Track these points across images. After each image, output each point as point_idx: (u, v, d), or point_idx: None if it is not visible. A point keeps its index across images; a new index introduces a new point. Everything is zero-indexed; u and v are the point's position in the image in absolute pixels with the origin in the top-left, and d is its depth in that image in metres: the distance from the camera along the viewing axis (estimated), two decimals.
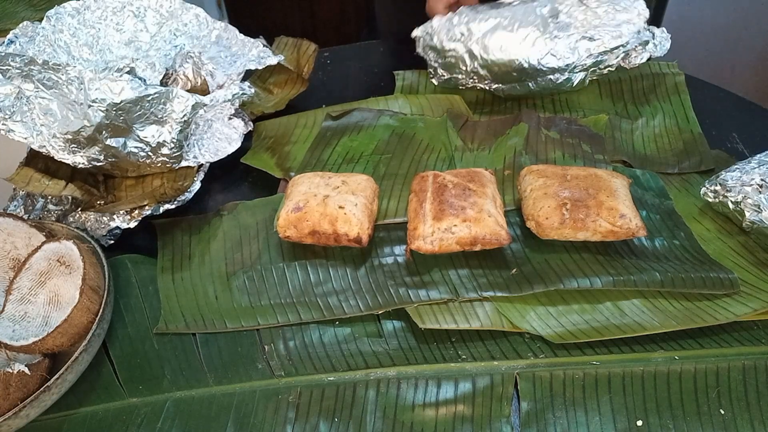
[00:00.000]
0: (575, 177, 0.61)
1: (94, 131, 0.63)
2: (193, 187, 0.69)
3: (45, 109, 0.63)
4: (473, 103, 0.81)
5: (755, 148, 0.70)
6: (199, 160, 0.70)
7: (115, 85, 0.61)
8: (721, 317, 0.54)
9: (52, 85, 0.62)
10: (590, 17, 0.73)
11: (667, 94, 0.79)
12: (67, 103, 0.62)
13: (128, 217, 0.65)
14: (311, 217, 0.60)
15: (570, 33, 0.72)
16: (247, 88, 0.73)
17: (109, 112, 0.62)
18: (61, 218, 0.67)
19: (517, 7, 0.75)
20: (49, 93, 0.62)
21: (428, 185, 0.62)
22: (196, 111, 0.67)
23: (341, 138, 0.76)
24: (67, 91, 0.62)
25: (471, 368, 0.53)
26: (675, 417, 0.49)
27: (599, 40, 0.72)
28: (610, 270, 0.58)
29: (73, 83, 0.61)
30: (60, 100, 0.62)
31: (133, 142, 0.65)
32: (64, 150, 0.65)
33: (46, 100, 0.63)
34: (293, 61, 0.84)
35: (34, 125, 0.64)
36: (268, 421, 0.51)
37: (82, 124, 0.62)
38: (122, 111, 0.62)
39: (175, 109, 0.65)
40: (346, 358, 0.55)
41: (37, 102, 0.63)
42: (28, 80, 0.62)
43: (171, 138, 0.66)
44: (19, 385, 0.49)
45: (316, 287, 0.60)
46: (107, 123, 0.63)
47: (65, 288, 0.55)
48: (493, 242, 0.58)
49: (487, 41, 0.73)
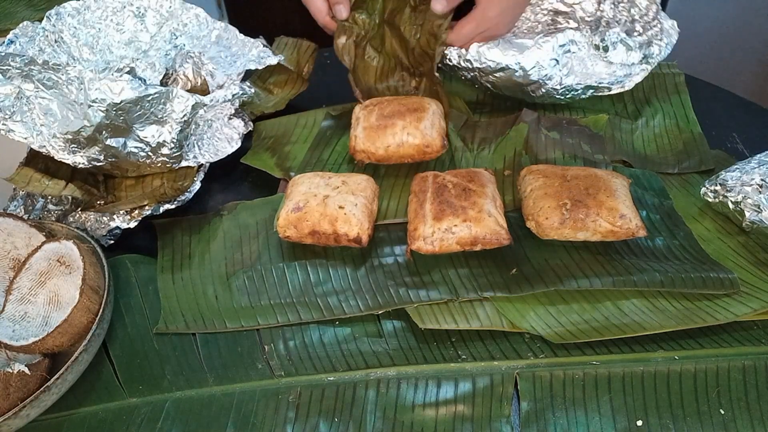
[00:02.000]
0: (575, 177, 0.61)
1: (94, 131, 0.63)
2: (193, 187, 0.69)
3: (45, 109, 0.63)
4: (473, 103, 0.80)
5: (755, 148, 0.70)
6: (199, 160, 0.70)
7: (115, 85, 0.61)
8: (721, 317, 0.54)
9: (52, 85, 0.62)
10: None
11: (667, 94, 0.79)
12: (67, 103, 0.62)
13: (128, 217, 0.65)
14: (311, 217, 0.60)
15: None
16: (247, 88, 0.73)
17: (109, 112, 0.62)
18: (61, 218, 0.67)
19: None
20: (49, 93, 0.62)
21: (428, 185, 0.62)
22: (196, 111, 0.67)
23: (341, 138, 0.76)
24: (67, 91, 0.62)
25: (471, 368, 0.53)
26: (675, 417, 0.49)
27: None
28: (610, 270, 0.58)
29: (73, 83, 0.61)
30: (60, 100, 0.62)
31: (133, 142, 0.65)
32: (64, 150, 0.65)
33: (46, 100, 0.63)
34: (293, 61, 0.84)
35: (34, 125, 0.64)
36: (268, 421, 0.51)
37: (82, 124, 0.62)
38: (122, 111, 0.62)
39: (175, 109, 0.65)
40: (346, 358, 0.55)
41: (37, 102, 0.63)
42: (28, 80, 0.62)
43: (171, 138, 0.66)
44: (19, 385, 0.49)
45: (316, 287, 0.60)
46: (107, 123, 0.63)
47: (65, 288, 0.55)
48: (493, 242, 0.58)
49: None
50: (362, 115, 0.70)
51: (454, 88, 0.83)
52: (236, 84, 0.73)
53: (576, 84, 0.72)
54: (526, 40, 0.71)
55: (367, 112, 0.70)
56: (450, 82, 0.84)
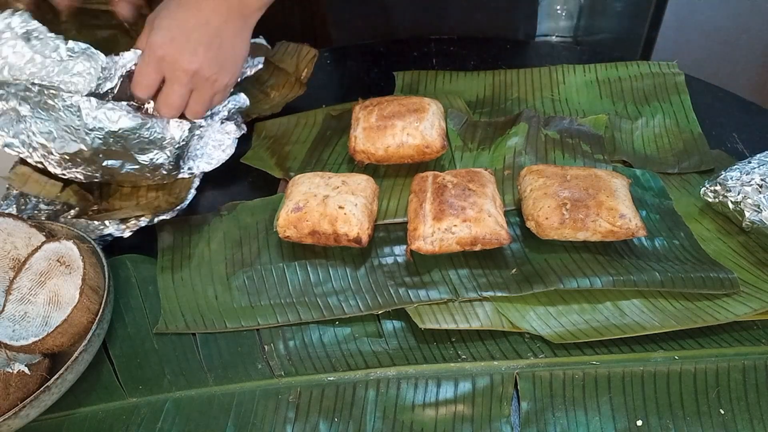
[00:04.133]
0: (575, 177, 0.61)
1: (91, 154, 0.63)
2: (188, 196, 0.69)
3: (42, 129, 0.63)
4: (473, 103, 0.81)
5: (755, 148, 0.70)
6: (194, 171, 0.70)
7: (112, 113, 0.61)
8: (721, 317, 0.54)
9: (48, 108, 0.62)
10: None
11: (667, 94, 0.79)
12: (65, 126, 0.62)
13: (123, 226, 0.65)
14: (311, 217, 0.60)
15: None
16: (242, 99, 0.73)
17: (107, 139, 0.62)
18: (52, 218, 0.67)
19: None
20: (45, 115, 0.62)
21: (428, 185, 0.62)
22: (193, 133, 0.68)
23: (341, 138, 0.76)
24: (64, 116, 0.61)
25: (471, 368, 0.53)
26: (675, 417, 0.49)
27: None
28: (610, 270, 0.58)
29: (70, 109, 0.61)
30: (57, 123, 0.62)
31: (130, 164, 0.66)
32: (61, 166, 0.65)
33: (44, 120, 0.62)
34: (292, 65, 0.84)
35: (30, 142, 0.63)
36: (268, 421, 0.51)
37: (80, 147, 0.62)
38: (120, 138, 0.62)
39: (174, 135, 0.65)
40: (346, 358, 0.55)
41: (33, 121, 0.62)
42: (25, 102, 0.62)
43: (169, 161, 0.67)
44: (19, 385, 0.49)
45: (316, 287, 0.60)
46: (104, 148, 0.63)
47: (65, 288, 0.55)
48: (493, 242, 0.58)
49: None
50: (362, 115, 0.70)
51: (455, 88, 0.83)
52: (230, 98, 0.73)
53: None
54: None
55: (367, 112, 0.70)
56: (450, 82, 0.84)
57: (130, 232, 0.65)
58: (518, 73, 0.84)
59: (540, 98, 0.80)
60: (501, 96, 0.81)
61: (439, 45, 0.93)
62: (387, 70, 0.87)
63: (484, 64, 0.87)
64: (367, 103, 0.71)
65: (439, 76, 0.85)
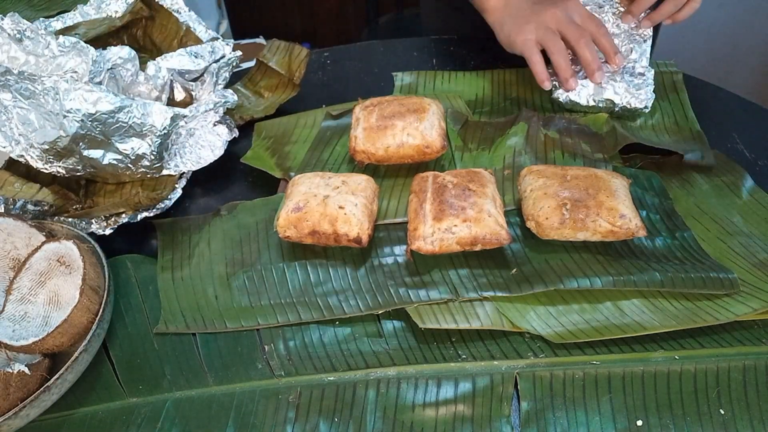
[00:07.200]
0: (575, 177, 0.61)
1: (70, 142, 0.63)
2: (173, 195, 0.69)
3: (23, 119, 0.63)
4: (473, 103, 0.81)
5: (755, 148, 0.70)
6: (180, 169, 0.70)
7: (90, 95, 0.61)
8: (721, 317, 0.54)
9: (29, 95, 0.62)
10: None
11: (665, 92, 0.79)
12: (44, 113, 0.62)
13: (104, 224, 0.65)
14: (311, 217, 0.60)
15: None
16: (229, 95, 0.73)
17: (85, 122, 0.62)
18: (39, 217, 0.66)
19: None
20: (26, 103, 0.62)
21: (428, 185, 0.62)
22: (176, 123, 0.67)
23: (341, 138, 0.76)
24: (43, 101, 0.61)
25: (471, 368, 0.53)
26: (675, 417, 0.49)
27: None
28: (610, 270, 0.58)
29: (49, 93, 0.61)
30: (38, 110, 0.62)
31: (112, 154, 0.66)
32: (42, 160, 0.65)
33: (24, 110, 0.62)
34: (284, 65, 0.84)
35: (12, 135, 0.63)
36: (268, 421, 0.51)
37: (58, 134, 0.62)
38: (98, 122, 0.62)
39: (155, 122, 0.65)
40: (346, 358, 0.55)
41: (15, 111, 0.62)
42: (6, 90, 0.62)
43: (151, 151, 0.66)
44: (19, 385, 0.49)
45: (316, 287, 0.60)
46: (83, 134, 0.62)
47: (65, 288, 0.55)
48: (493, 242, 0.58)
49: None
50: (362, 115, 0.70)
51: (454, 88, 0.83)
52: (217, 92, 0.73)
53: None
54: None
55: (367, 112, 0.70)
56: (450, 82, 0.84)
57: (111, 229, 0.65)
58: (518, 73, 0.84)
59: (540, 98, 0.80)
60: (501, 96, 0.81)
61: (439, 45, 0.93)
62: (387, 70, 0.87)
63: (484, 64, 0.87)
64: (368, 103, 0.71)
65: (439, 76, 0.85)
